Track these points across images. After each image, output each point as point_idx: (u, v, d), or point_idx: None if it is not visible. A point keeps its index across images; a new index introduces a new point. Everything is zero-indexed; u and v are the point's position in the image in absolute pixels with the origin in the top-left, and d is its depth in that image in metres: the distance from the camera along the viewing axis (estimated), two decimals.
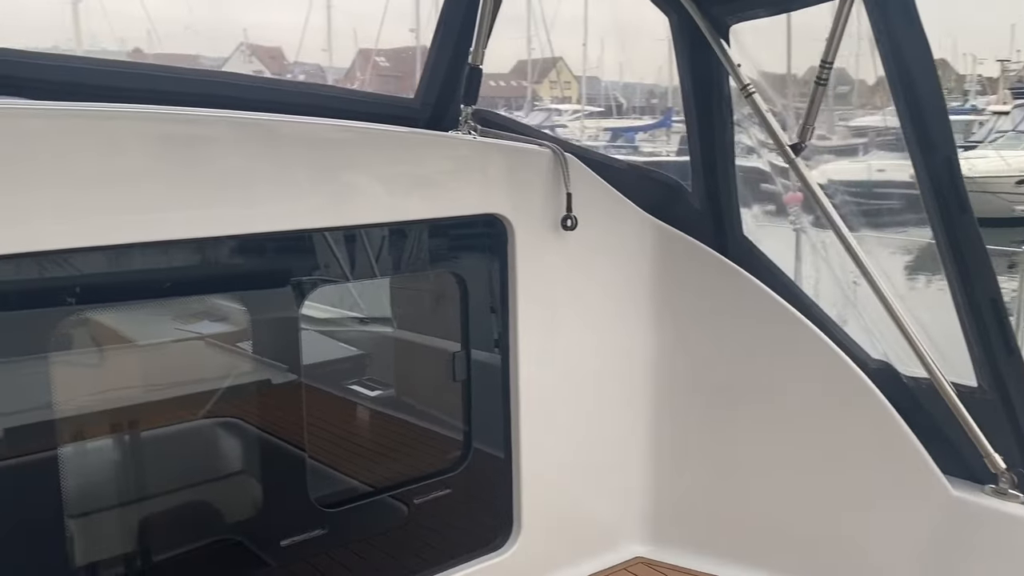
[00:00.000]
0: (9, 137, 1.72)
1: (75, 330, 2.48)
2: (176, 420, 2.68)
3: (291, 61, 32.66)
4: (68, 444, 2.30)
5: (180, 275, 2.15)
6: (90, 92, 2.03)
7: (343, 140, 2.21)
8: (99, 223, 1.83)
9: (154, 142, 1.91)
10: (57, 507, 2.00)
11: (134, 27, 27.51)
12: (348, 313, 4.14)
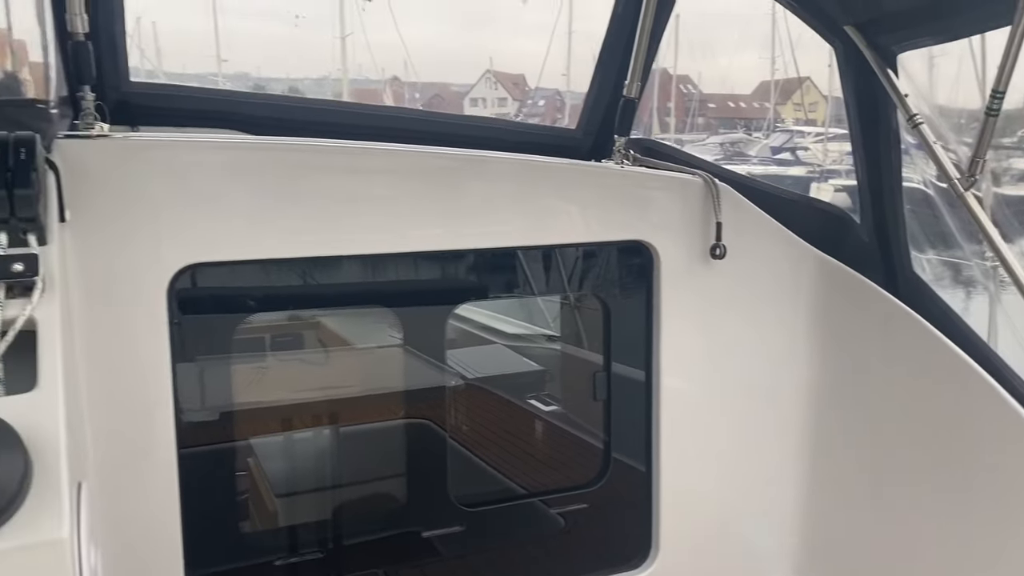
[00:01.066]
0: (285, 167, 2.12)
1: (308, 331, 2.93)
2: (368, 419, 3.05)
3: (532, 87, 33.99)
4: (279, 433, 2.73)
5: (384, 288, 2.51)
6: (347, 131, 2.45)
7: (509, 171, 2.44)
8: (344, 237, 2.19)
9: (356, 173, 2.24)
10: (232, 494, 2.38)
11: (393, 57, 29.95)
12: (538, 330, 4.40)
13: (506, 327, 4.53)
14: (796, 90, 44.44)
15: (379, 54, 27.70)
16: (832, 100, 35.71)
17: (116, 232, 1.90)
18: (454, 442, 2.81)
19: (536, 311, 4.32)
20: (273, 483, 2.78)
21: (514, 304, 4.36)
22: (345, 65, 26.50)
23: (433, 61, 26.86)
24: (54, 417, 1.48)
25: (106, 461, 1.85)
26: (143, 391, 1.95)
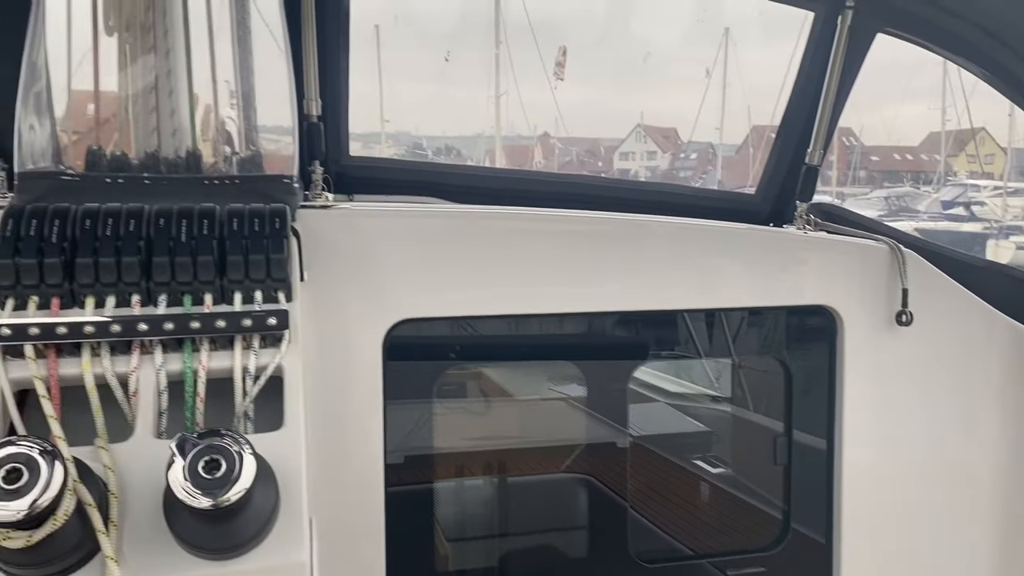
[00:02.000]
0: (485, 232, 2.32)
1: (471, 381, 3.11)
2: (536, 471, 3.17)
3: (684, 141, 33.89)
4: (452, 479, 2.89)
5: (553, 341, 2.65)
6: (539, 197, 2.65)
7: (689, 234, 2.53)
8: (535, 297, 2.34)
9: (552, 237, 2.40)
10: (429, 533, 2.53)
11: (544, 114, 30.73)
12: (701, 389, 4.41)
13: (669, 386, 4.55)
14: (970, 141, 41.98)
15: (531, 111, 28.50)
16: (1012, 152, 33.50)
17: (342, 290, 2.13)
18: (618, 497, 2.87)
19: (697, 370, 4.33)
20: (444, 527, 2.93)
21: (676, 363, 4.39)
22: (499, 123, 27.51)
23: (583, 117, 27.36)
24: (297, 455, 1.69)
25: (321, 499, 2.04)
26: (357, 433, 2.15)
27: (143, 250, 1.76)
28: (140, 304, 1.74)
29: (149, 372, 1.69)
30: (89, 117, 2.17)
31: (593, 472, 3.11)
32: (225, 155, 2.20)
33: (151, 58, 2.10)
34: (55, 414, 1.58)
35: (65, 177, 1.95)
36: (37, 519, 1.35)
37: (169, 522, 1.51)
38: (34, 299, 1.70)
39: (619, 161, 35.06)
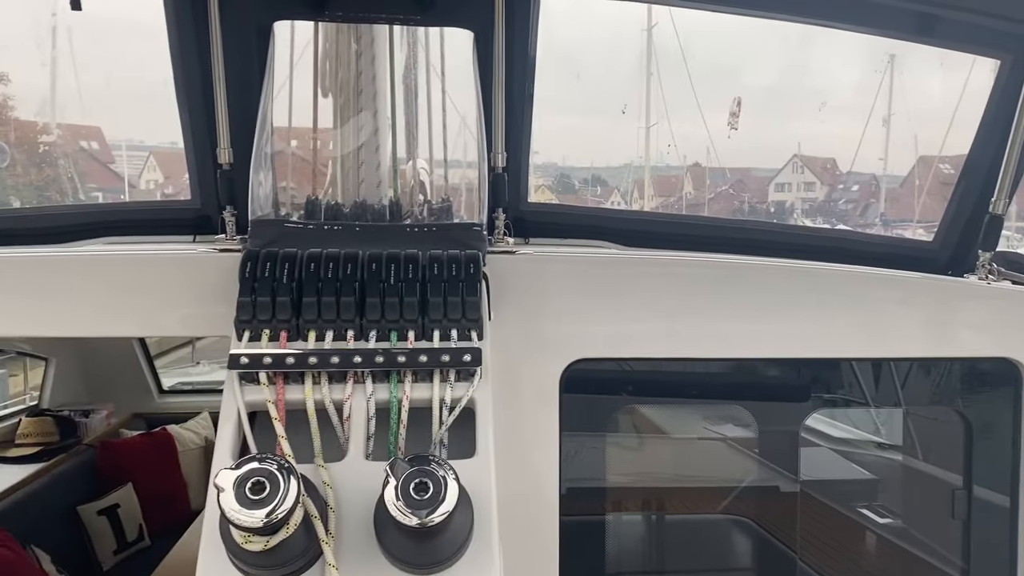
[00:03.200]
0: (655, 277, 2.43)
1: (626, 417, 3.20)
2: (693, 510, 3.20)
3: (844, 172, 32.48)
4: (615, 512, 2.98)
5: (721, 382, 2.71)
6: (683, 241, 2.74)
7: (864, 282, 2.53)
8: (702, 341, 2.41)
9: (723, 281, 2.46)
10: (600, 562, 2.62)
11: (695, 145, 30.31)
12: (868, 436, 4.28)
13: (832, 431, 4.45)
14: None
15: (681, 142, 28.19)
16: None
17: (524, 329, 2.28)
18: (781, 544, 2.86)
19: (859, 416, 4.21)
20: (608, 558, 3.01)
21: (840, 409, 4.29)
22: (648, 154, 27.41)
23: (736, 146, 26.71)
24: (488, 481, 1.84)
25: (500, 525, 2.17)
26: (535, 464, 2.29)
27: (358, 291, 1.98)
28: (354, 339, 1.96)
29: (360, 399, 1.90)
30: (306, 171, 2.45)
31: (753, 515, 3.11)
32: (420, 204, 2.43)
33: (360, 118, 2.36)
34: (284, 435, 1.80)
35: (289, 224, 2.22)
36: (274, 527, 1.56)
37: (379, 536, 1.69)
38: (266, 332, 1.95)
39: (774, 193, 33.98)
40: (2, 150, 19.22)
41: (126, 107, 38.68)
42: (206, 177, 2.56)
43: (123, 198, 28.43)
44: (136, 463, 5.59)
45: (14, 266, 2.30)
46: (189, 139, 2.54)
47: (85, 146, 32.50)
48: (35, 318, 2.30)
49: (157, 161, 38.39)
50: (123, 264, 2.34)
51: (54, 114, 31.79)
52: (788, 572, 2.83)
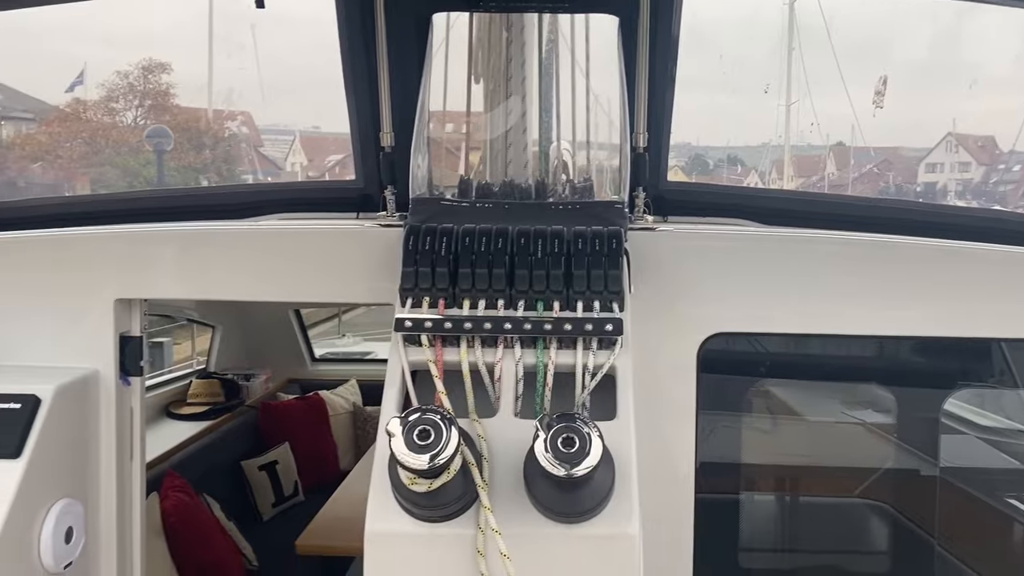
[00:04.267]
0: (793, 254, 2.45)
1: (758, 399, 3.24)
2: (827, 492, 3.21)
3: (1004, 151, 30.26)
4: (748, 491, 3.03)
5: (862, 363, 2.71)
6: (824, 220, 2.73)
7: (1015, 261, 2.47)
8: (842, 318, 2.43)
9: (863, 261, 2.47)
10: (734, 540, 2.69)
11: (838, 123, 28.95)
12: (1017, 426, 4.13)
13: (978, 419, 4.30)
14: None
15: (824, 120, 27.00)
16: None
17: (661, 303, 2.39)
18: (921, 530, 2.83)
19: (1011, 402, 4.05)
20: (742, 536, 3.06)
21: (984, 395, 4.14)
22: (788, 133, 26.48)
23: (883, 124, 25.30)
24: (628, 442, 1.97)
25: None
26: (671, 437, 2.39)
27: (508, 264, 2.14)
28: (504, 307, 2.12)
29: (510, 363, 2.07)
30: (459, 152, 2.63)
31: (890, 500, 3.09)
32: (563, 183, 2.56)
33: (509, 103, 2.52)
34: (444, 391, 2.00)
35: (445, 202, 2.40)
36: (436, 471, 1.75)
37: (527, 485, 1.85)
38: (426, 299, 2.14)
39: (924, 173, 32.05)
40: (167, 135, 20.77)
41: (274, 94, 40.33)
42: (369, 159, 2.79)
43: (270, 179, 30.03)
44: (292, 424, 6.06)
45: (203, 238, 2.61)
46: (354, 124, 2.78)
47: (236, 131, 34.45)
48: (221, 284, 2.60)
49: (301, 144, 40.19)
50: (297, 238, 2.60)
51: (210, 101, 33.78)
52: (926, 558, 2.81)
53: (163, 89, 28.39)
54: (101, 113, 27.00)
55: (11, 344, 2.55)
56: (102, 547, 2.54)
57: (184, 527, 4.11)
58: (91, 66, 31.52)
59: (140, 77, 27.76)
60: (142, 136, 24.02)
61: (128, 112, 27.39)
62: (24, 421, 2.27)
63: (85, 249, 2.56)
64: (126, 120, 27.15)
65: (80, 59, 39.63)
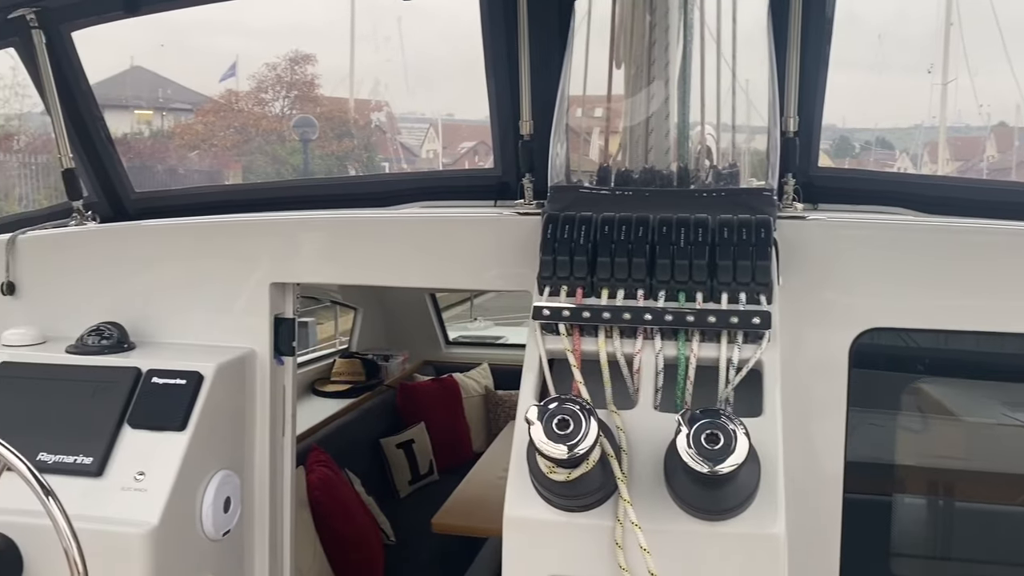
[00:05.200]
0: (952, 245, 2.31)
1: (911, 396, 3.05)
2: (991, 499, 2.99)
3: None
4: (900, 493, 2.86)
5: (1013, 362, 2.51)
6: (961, 206, 2.57)
7: None
8: (988, 311, 2.28)
9: (1013, 252, 2.29)
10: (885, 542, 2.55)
11: (1001, 103, 26.85)
12: None
13: None
14: None
15: (985, 99, 25.10)
16: None
17: (811, 296, 2.28)
18: None
19: None
20: (893, 540, 2.89)
21: None
22: (944, 113, 24.79)
23: None
24: (775, 441, 1.90)
25: None
26: (819, 435, 2.29)
27: (649, 253, 2.11)
28: (643, 297, 2.09)
29: (649, 354, 2.03)
30: (598, 140, 2.61)
31: None
32: (707, 170, 2.49)
33: (651, 88, 2.47)
34: (582, 380, 1.99)
35: (584, 190, 2.39)
36: (575, 461, 1.74)
37: (668, 480, 1.82)
38: (564, 288, 2.14)
39: None
40: (312, 124, 21.70)
41: (414, 84, 41.09)
42: (508, 147, 2.81)
43: (405, 167, 30.96)
44: (428, 405, 6.23)
45: (351, 225, 2.70)
46: (494, 113, 2.80)
47: (377, 120, 35.59)
48: (367, 269, 2.69)
49: (436, 132, 41.05)
50: (438, 225, 2.66)
51: (352, 91, 34.90)
52: None
53: (308, 80, 29.70)
54: (251, 103, 28.54)
55: (179, 324, 2.74)
56: (256, 517, 2.69)
57: (328, 500, 4.30)
58: (242, 59, 33.25)
59: (287, 68, 29.14)
60: (289, 125, 25.24)
61: (276, 103, 28.82)
62: (189, 396, 2.44)
63: (244, 236, 2.71)
64: (274, 110, 28.58)
65: (232, 52, 41.82)
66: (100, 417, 2.41)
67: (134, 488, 2.30)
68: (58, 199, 3.20)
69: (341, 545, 4.30)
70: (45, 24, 2.83)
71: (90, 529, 1.97)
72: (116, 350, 2.60)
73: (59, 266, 2.84)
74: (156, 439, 2.38)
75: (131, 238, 2.84)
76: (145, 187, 3.24)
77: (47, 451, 2.35)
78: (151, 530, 2.22)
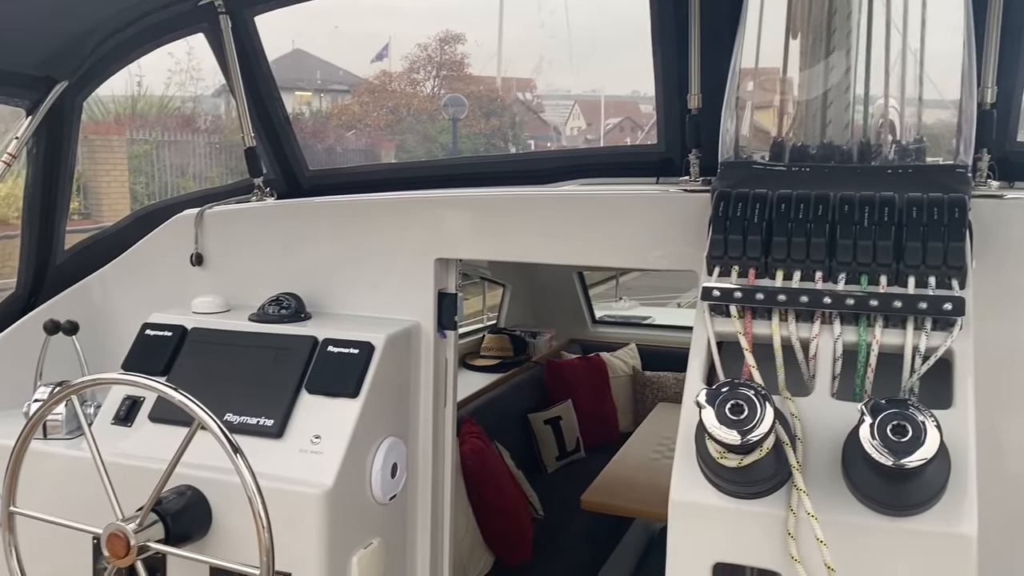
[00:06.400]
0: None
1: None
2: None
3: None
4: None
5: None
6: None
7: None
8: None
9: None
10: None
11: None
12: None
13: None
14: None
15: None
16: None
17: (1008, 281, 2.11)
18: None
19: None
20: None
21: None
22: None
23: None
24: (966, 435, 1.77)
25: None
26: (1009, 430, 2.12)
27: (829, 232, 2.00)
28: (822, 280, 1.99)
29: (827, 340, 1.94)
30: (771, 114, 2.50)
31: None
32: (890, 145, 2.34)
33: (831, 59, 2.33)
34: (755, 365, 1.92)
35: (757, 166, 2.30)
36: (748, 447, 1.69)
37: (846, 471, 1.74)
38: (735, 268, 2.07)
39: None
40: (462, 103, 22.11)
41: (564, 61, 40.99)
42: (673, 122, 2.74)
43: (550, 146, 31.01)
44: (575, 382, 6.25)
45: (513, 203, 2.73)
46: (660, 87, 2.74)
47: (521, 97, 35.80)
48: (528, 247, 2.71)
49: (580, 109, 40.82)
50: (601, 202, 2.64)
51: (499, 69, 35.31)
52: None
53: (458, 59, 30.30)
54: (404, 84, 29.42)
55: (348, 295, 2.87)
56: (419, 484, 2.79)
57: (480, 471, 4.40)
58: (394, 40, 34.30)
59: (437, 48, 29.83)
60: (438, 105, 25.86)
61: (427, 83, 29.57)
62: (362, 365, 2.55)
63: (412, 213, 2.79)
64: (425, 90, 29.35)
65: (385, 34, 43.08)
66: (280, 382, 2.56)
67: (310, 451, 2.43)
68: (230, 177, 3.41)
69: (492, 515, 4.40)
70: (232, 9, 3.00)
71: (270, 487, 2.10)
72: (294, 319, 2.75)
73: (241, 239, 3.03)
74: (331, 405, 2.50)
75: (306, 213, 2.99)
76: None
77: (232, 412, 2.52)
78: (327, 491, 2.34)
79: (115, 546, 2.12)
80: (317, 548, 2.32)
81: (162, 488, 2.16)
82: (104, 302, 3.19)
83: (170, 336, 2.75)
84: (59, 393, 2.22)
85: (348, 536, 2.44)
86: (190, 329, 2.77)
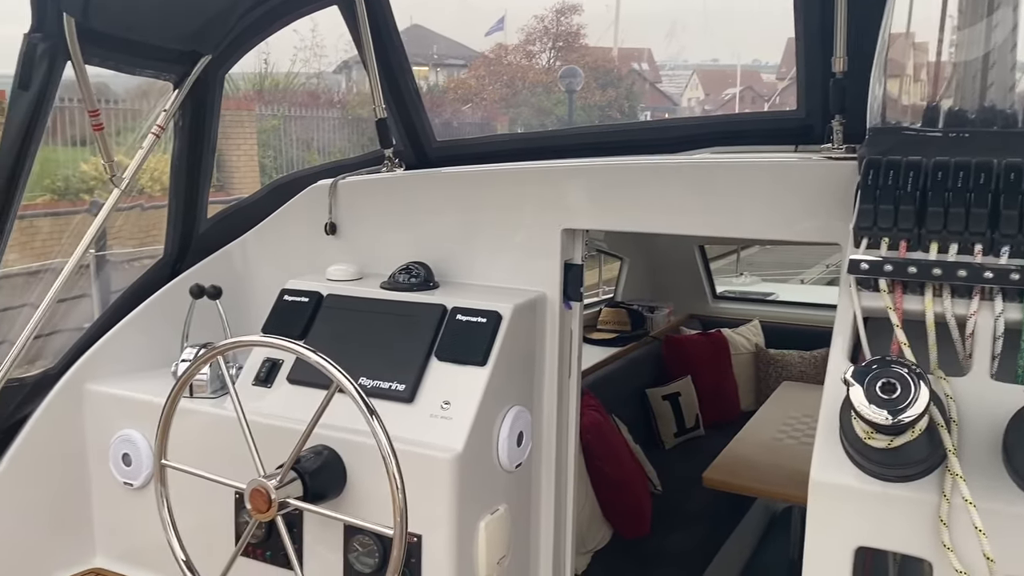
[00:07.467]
0: None
1: None
2: None
3: None
4: None
5: None
6: None
7: None
8: None
9: None
10: None
11: None
12: None
13: None
14: None
15: None
16: None
17: None
18: None
19: None
20: None
21: None
22: None
23: None
24: None
25: None
26: None
27: (991, 202, 1.86)
28: (982, 253, 1.86)
29: (987, 317, 1.81)
30: (923, 76, 2.34)
31: None
32: None
33: (995, 16, 2.16)
34: (907, 342, 1.82)
35: (909, 132, 2.16)
36: (899, 428, 1.60)
37: (1008, 458, 1.62)
38: (885, 240, 1.95)
39: None
40: (578, 75, 21.90)
41: (677, 28, 40.08)
42: (814, 87, 2.61)
43: (667, 115, 30.32)
44: (695, 358, 6.14)
45: (644, 172, 2.67)
46: (801, 51, 2.61)
47: (637, 68, 35.16)
48: (661, 217, 2.65)
49: (699, 79, 39.89)
50: (739, 171, 2.55)
51: (616, 39, 34.82)
52: None
53: (574, 30, 30.01)
54: (519, 56, 29.41)
55: (475, 265, 2.89)
56: (543, 453, 2.81)
57: (598, 443, 4.39)
58: (510, 12, 34.19)
59: (553, 20, 29.62)
60: (554, 77, 25.72)
61: (543, 55, 29.45)
62: (490, 334, 2.57)
63: (539, 183, 2.78)
64: (541, 62, 29.25)
65: (501, 7, 43.01)
66: (411, 349, 2.61)
67: (440, 416, 2.48)
68: (352, 151, 3.48)
69: (610, 488, 4.39)
70: None
71: (403, 450, 2.15)
72: (423, 288, 2.80)
73: (372, 209, 3.10)
74: (460, 372, 2.54)
75: (435, 184, 3.03)
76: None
77: (366, 376, 2.59)
78: (456, 456, 2.38)
79: (257, 501, 2.22)
80: (447, 511, 2.37)
81: (302, 447, 2.24)
82: (244, 268, 3.33)
83: (307, 302, 2.85)
84: (205, 354, 2.33)
85: (476, 501, 2.48)
86: (325, 296, 2.86)
